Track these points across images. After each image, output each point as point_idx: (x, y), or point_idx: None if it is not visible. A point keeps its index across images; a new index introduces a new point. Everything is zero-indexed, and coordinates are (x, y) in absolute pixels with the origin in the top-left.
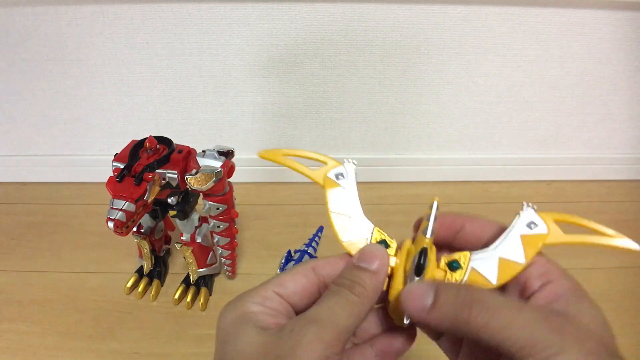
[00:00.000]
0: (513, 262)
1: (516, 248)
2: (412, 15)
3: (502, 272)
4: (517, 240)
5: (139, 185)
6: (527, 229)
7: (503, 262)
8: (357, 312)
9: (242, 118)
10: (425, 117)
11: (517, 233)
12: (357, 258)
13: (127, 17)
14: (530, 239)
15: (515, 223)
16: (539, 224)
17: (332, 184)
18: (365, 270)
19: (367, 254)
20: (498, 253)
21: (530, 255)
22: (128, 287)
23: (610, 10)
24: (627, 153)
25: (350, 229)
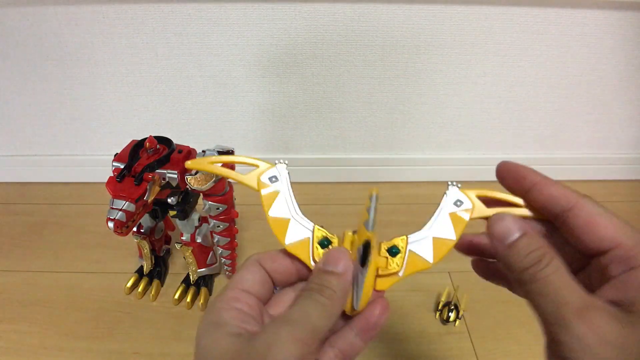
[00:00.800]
0: (445, 239)
1: (447, 226)
2: (412, 15)
3: (436, 250)
4: (446, 219)
5: (139, 185)
6: (454, 207)
7: (437, 241)
8: (329, 313)
9: (242, 118)
10: (425, 117)
11: (446, 212)
12: (323, 262)
13: (127, 17)
14: (458, 215)
15: (443, 202)
16: (464, 201)
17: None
18: (332, 273)
19: (332, 258)
20: (432, 233)
21: (460, 230)
22: (128, 287)
23: (610, 10)
24: (627, 153)
25: (291, 231)
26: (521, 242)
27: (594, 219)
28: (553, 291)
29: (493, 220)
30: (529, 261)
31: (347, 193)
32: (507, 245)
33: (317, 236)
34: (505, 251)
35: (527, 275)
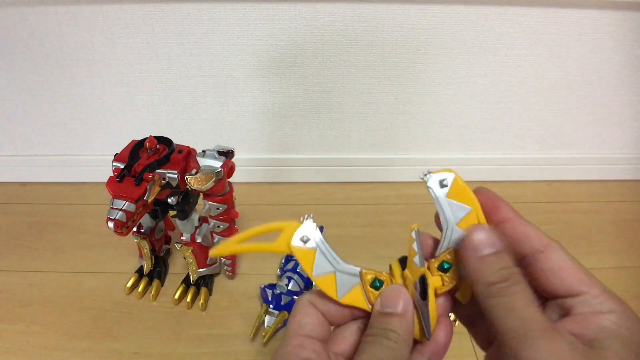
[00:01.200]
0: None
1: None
2: (412, 15)
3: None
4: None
5: (139, 185)
6: (445, 188)
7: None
8: (398, 355)
9: (242, 118)
10: (425, 117)
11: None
12: (380, 304)
13: (127, 17)
14: (453, 191)
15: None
16: (446, 176)
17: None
18: (392, 315)
19: (389, 298)
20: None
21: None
22: (128, 287)
23: (610, 10)
24: (627, 153)
25: (339, 284)
26: (494, 258)
27: (566, 264)
28: (520, 307)
29: (471, 230)
30: (498, 277)
31: (347, 193)
32: (479, 257)
33: (367, 280)
34: (477, 262)
35: (495, 288)
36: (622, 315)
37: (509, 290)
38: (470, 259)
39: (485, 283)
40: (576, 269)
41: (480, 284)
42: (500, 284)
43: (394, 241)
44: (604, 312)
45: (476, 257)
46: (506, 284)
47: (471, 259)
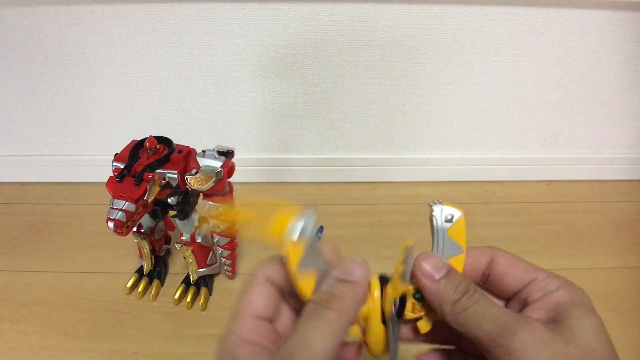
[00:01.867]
0: (455, 257)
1: (451, 245)
2: (412, 15)
3: None
4: (447, 239)
5: (139, 185)
6: (448, 224)
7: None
8: (334, 330)
9: (242, 118)
10: (425, 117)
11: (443, 232)
12: (338, 271)
13: (127, 17)
14: (455, 229)
15: (436, 225)
16: (454, 213)
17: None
18: (345, 281)
19: (347, 266)
20: None
21: (463, 240)
22: (128, 287)
23: (610, 10)
24: (627, 153)
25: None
26: (449, 277)
27: (512, 261)
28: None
29: (421, 259)
30: (458, 293)
31: (347, 193)
32: (437, 281)
33: None
34: (436, 287)
35: (460, 304)
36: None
37: (472, 300)
38: (428, 285)
39: (451, 302)
40: (521, 263)
41: (445, 304)
42: (463, 298)
43: (394, 241)
44: (554, 290)
45: (433, 282)
46: (467, 296)
47: (429, 285)
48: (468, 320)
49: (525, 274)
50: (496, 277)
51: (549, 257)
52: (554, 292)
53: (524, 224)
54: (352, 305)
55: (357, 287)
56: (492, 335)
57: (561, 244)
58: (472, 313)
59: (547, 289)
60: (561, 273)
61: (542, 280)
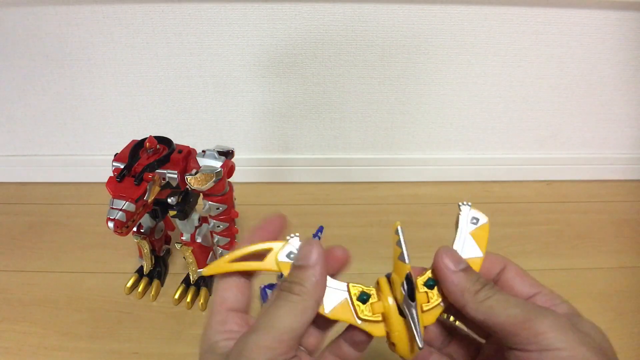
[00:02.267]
0: (474, 258)
1: (471, 245)
2: (412, 15)
3: None
4: (469, 239)
5: (139, 185)
6: (472, 226)
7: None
8: (299, 310)
9: (242, 118)
10: (425, 117)
11: (467, 232)
12: (295, 258)
13: (127, 17)
14: (478, 232)
15: (461, 224)
16: (480, 217)
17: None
18: (302, 267)
19: (301, 252)
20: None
21: (484, 245)
22: (128, 287)
23: (610, 10)
24: (627, 153)
25: (327, 298)
26: (468, 270)
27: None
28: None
29: (444, 251)
30: (479, 283)
31: (347, 193)
32: (457, 272)
33: (354, 293)
34: (457, 277)
35: (483, 292)
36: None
37: (494, 290)
38: (450, 276)
39: (472, 291)
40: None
41: (467, 294)
42: (484, 288)
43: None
44: (558, 304)
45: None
46: (489, 287)
47: (451, 276)
48: (492, 307)
49: (532, 287)
50: (504, 285)
51: (549, 257)
52: (558, 305)
53: (524, 224)
54: (312, 287)
55: (313, 269)
56: (517, 319)
57: (561, 244)
58: (496, 300)
59: (552, 301)
60: (561, 273)
61: (547, 295)
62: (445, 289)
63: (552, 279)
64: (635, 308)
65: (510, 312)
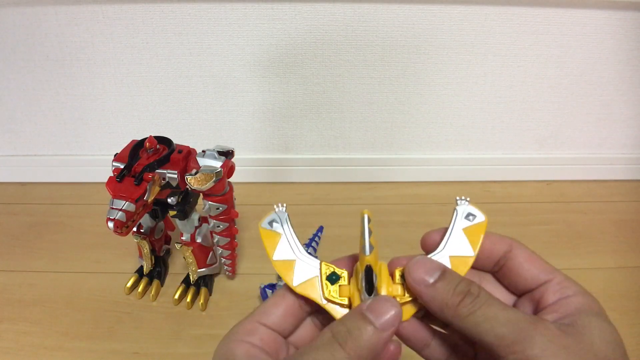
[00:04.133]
0: (463, 257)
1: (462, 243)
2: (412, 15)
3: (456, 269)
4: (461, 235)
5: (139, 185)
6: (467, 222)
7: (454, 259)
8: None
9: (242, 118)
10: (425, 117)
11: (459, 228)
12: (368, 306)
13: (127, 17)
14: (472, 229)
15: (454, 219)
16: (477, 214)
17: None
18: (370, 323)
19: (378, 305)
20: (448, 252)
21: (476, 244)
22: (128, 287)
23: (610, 10)
24: (627, 153)
25: (297, 271)
26: (445, 279)
27: (531, 257)
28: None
29: (410, 267)
30: (459, 294)
31: (347, 193)
32: (432, 285)
33: (325, 272)
34: (431, 291)
35: (464, 307)
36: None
37: (478, 302)
38: (423, 291)
39: (452, 307)
40: (540, 261)
41: (447, 309)
42: (465, 300)
43: (394, 241)
44: (571, 295)
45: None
46: (472, 298)
47: (424, 291)
48: (478, 325)
49: (543, 273)
50: (511, 270)
51: (549, 257)
52: (570, 297)
53: (524, 224)
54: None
55: (380, 335)
56: (506, 341)
57: (561, 244)
58: (482, 316)
59: (564, 292)
60: None
61: (559, 283)
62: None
63: None
64: (636, 308)
65: (497, 332)
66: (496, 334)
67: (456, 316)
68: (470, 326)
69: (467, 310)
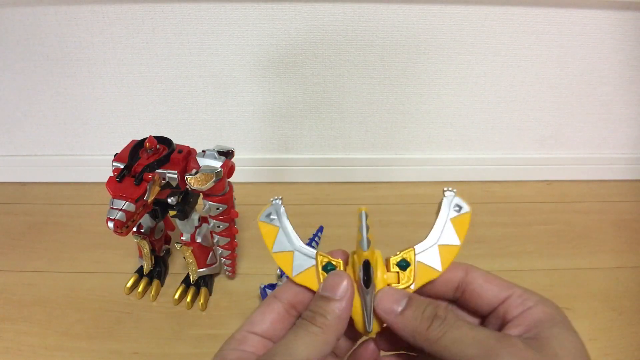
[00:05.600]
0: (451, 245)
1: (450, 232)
2: (412, 15)
3: (444, 257)
4: (449, 225)
5: (139, 185)
6: (454, 212)
7: (443, 248)
8: (317, 342)
9: (242, 118)
10: (425, 117)
11: (447, 218)
12: (321, 288)
13: (127, 17)
14: (459, 220)
15: (443, 209)
16: (463, 205)
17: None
18: (328, 298)
19: (329, 283)
20: (437, 241)
21: (463, 234)
22: (128, 287)
23: (610, 10)
24: (627, 153)
25: (296, 262)
26: (411, 306)
27: (489, 277)
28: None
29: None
30: (427, 318)
31: (347, 193)
32: (400, 314)
33: (321, 262)
34: (401, 320)
35: (434, 333)
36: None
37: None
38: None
39: (422, 332)
40: (497, 278)
41: (418, 335)
42: (434, 324)
43: (394, 241)
44: (532, 306)
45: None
46: (440, 321)
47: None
48: (447, 348)
49: (502, 290)
50: (472, 293)
51: (550, 257)
52: (532, 308)
53: (524, 224)
54: (334, 321)
55: (340, 303)
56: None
57: (561, 244)
58: (450, 339)
59: (525, 304)
60: (561, 273)
61: (520, 296)
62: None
63: (552, 279)
64: (636, 308)
65: (467, 353)
66: (465, 354)
67: (427, 340)
68: (440, 349)
69: (435, 335)
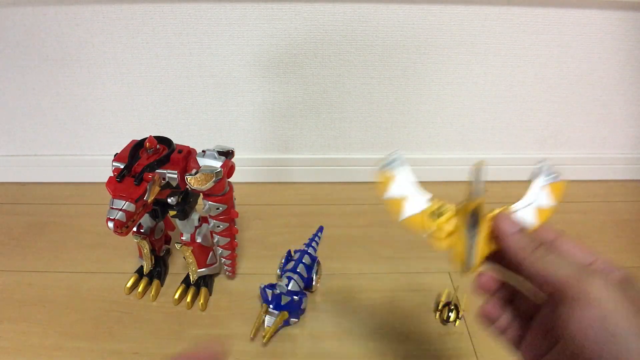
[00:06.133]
0: (547, 208)
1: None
2: (412, 15)
3: (539, 216)
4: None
5: (139, 185)
6: (549, 179)
7: (539, 210)
8: None
9: (242, 118)
10: (425, 117)
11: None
12: None
13: (127, 17)
14: (555, 185)
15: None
16: (559, 173)
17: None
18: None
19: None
20: (534, 204)
21: (558, 197)
22: (128, 287)
23: (610, 10)
24: (627, 153)
25: (408, 207)
26: (523, 232)
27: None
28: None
29: (498, 219)
30: (535, 241)
31: (347, 193)
32: (514, 234)
33: (432, 208)
34: (513, 238)
35: (540, 250)
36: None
37: (551, 249)
38: (509, 237)
39: (529, 250)
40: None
41: (523, 251)
42: (540, 248)
43: (394, 241)
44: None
45: (512, 234)
46: (544, 247)
47: (510, 236)
48: (547, 265)
49: (588, 255)
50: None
51: None
52: (615, 272)
53: None
54: None
55: None
56: (568, 278)
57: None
58: (551, 259)
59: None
60: None
61: (604, 262)
62: (504, 250)
63: None
64: None
65: (563, 271)
66: (563, 273)
67: (530, 257)
68: (540, 266)
69: (540, 254)
